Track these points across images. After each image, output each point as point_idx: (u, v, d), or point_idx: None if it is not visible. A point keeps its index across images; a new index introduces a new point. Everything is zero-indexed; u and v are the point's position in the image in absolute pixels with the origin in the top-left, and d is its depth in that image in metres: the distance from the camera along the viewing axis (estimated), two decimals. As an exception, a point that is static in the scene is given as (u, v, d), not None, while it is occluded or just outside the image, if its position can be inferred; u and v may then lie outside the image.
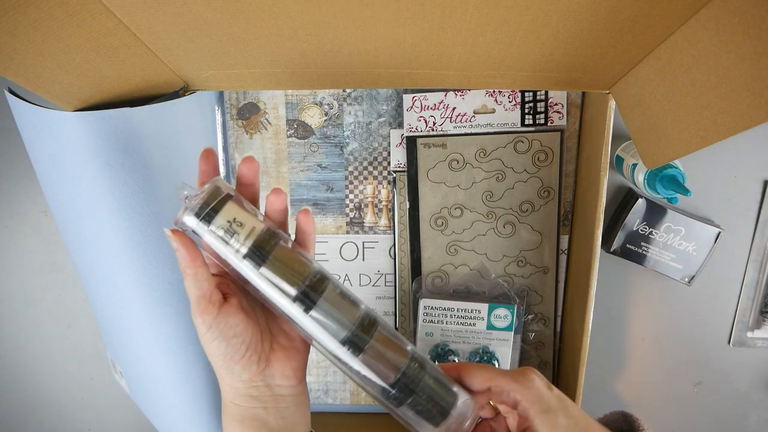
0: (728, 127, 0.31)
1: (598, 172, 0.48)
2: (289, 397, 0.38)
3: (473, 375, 0.36)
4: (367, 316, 0.35)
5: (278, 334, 0.38)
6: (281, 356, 0.37)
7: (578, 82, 0.45)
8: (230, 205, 0.33)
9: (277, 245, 0.34)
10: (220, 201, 0.33)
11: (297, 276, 0.34)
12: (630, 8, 0.32)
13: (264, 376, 0.37)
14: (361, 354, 0.34)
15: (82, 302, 0.64)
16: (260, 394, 0.37)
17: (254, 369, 0.36)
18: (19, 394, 0.67)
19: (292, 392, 0.38)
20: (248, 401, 0.37)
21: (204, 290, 0.34)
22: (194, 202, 0.32)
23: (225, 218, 0.33)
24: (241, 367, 0.35)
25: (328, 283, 0.34)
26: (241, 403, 0.37)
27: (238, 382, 0.36)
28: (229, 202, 0.33)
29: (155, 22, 0.36)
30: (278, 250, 0.34)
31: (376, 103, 0.55)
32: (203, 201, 0.32)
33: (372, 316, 0.35)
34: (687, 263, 0.57)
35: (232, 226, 0.33)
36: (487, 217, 0.56)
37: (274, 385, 0.37)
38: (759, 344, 0.61)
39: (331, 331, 0.34)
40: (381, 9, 0.33)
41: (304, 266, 0.34)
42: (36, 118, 0.39)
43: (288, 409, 0.38)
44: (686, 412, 0.63)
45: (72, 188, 0.42)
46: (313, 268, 0.34)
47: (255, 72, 0.45)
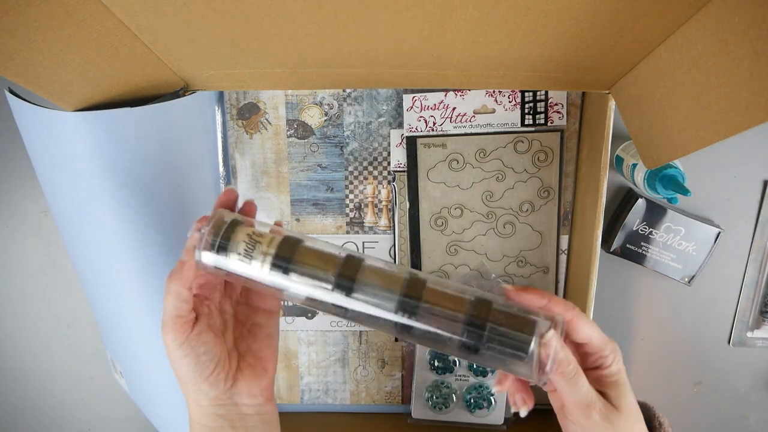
0: (728, 127, 0.31)
1: (598, 172, 0.48)
2: (256, 416, 0.38)
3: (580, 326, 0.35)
4: (412, 278, 0.34)
5: (246, 353, 0.38)
6: (248, 375, 0.37)
7: (578, 82, 0.45)
8: (241, 228, 0.34)
9: (297, 247, 0.34)
10: (229, 228, 0.34)
11: (327, 267, 0.34)
12: (630, 8, 0.32)
13: (231, 394, 0.37)
14: (417, 317, 0.33)
15: (82, 302, 0.64)
16: (226, 413, 0.37)
17: (221, 387, 0.36)
18: (19, 394, 0.67)
19: (259, 411, 0.38)
20: (214, 420, 0.37)
21: (182, 311, 0.34)
22: (206, 238, 0.33)
23: (240, 239, 0.33)
24: (208, 385, 0.36)
25: (359, 262, 0.34)
26: (207, 423, 0.37)
27: (205, 399, 0.36)
28: (238, 227, 0.34)
29: (155, 22, 0.36)
30: (300, 252, 0.34)
31: (376, 103, 0.55)
32: (213, 233, 0.33)
33: (417, 276, 0.34)
34: (687, 263, 0.57)
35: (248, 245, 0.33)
36: (487, 217, 0.56)
37: (240, 403, 0.37)
38: (759, 344, 0.61)
39: (380, 306, 0.33)
40: (381, 9, 0.33)
41: (330, 255, 0.34)
42: (36, 118, 0.39)
43: (256, 428, 0.38)
44: (686, 412, 0.63)
45: (72, 188, 0.42)
46: (339, 253, 0.34)
47: (255, 72, 0.45)
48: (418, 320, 0.33)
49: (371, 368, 0.61)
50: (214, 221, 0.34)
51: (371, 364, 0.61)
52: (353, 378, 0.62)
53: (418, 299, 0.33)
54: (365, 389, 0.62)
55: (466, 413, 0.59)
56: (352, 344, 0.61)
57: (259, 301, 0.40)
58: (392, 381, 0.62)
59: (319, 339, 0.61)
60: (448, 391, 0.59)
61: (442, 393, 0.59)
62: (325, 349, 0.61)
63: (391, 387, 0.62)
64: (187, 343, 0.35)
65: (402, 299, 0.33)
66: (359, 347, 0.61)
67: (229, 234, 0.34)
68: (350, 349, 0.61)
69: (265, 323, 0.40)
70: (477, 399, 0.58)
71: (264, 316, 0.40)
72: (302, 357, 0.61)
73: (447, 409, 0.59)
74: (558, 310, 0.35)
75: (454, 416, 0.59)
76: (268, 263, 0.34)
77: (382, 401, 0.62)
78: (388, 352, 0.61)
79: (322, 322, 0.60)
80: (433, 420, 0.60)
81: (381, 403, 0.62)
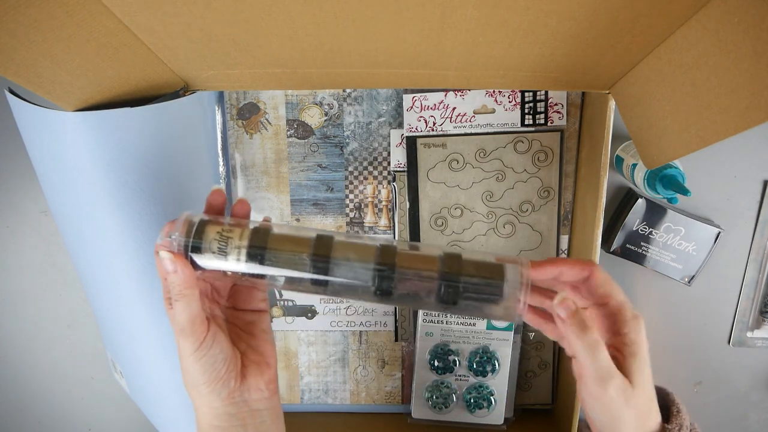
0: (728, 127, 0.31)
1: (598, 172, 0.48)
2: (264, 410, 0.39)
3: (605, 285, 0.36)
4: (382, 247, 0.36)
5: (246, 351, 0.39)
6: (254, 371, 0.38)
7: (578, 82, 0.45)
8: (210, 226, 0.35)
9: (269, 235, 0.35)
10: (199, 227, 0.35)
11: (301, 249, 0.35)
12: (630, 8, 0.32)
13: (241, 391, 0.38)
14: (395, 282, 0.35)
15: (82, 302, 0.64)
16: (238, 411, 0.38)
17: (232, 385, 0.37)
18: (19, 394, 0.67)
19: (266, 405, 0.39)
20: (227, 420, 0.37)
21: (196, 312, 0.35)
22: (179, 240, 0.34)
23: (211, 238, 0.35)
24: (221, 384, 0.36)
25: (330, 240, 0.36)
26: (219, 424, 0.37)
27: (218, 400, 0.37)
28: (208, 225, 0.35)
29: (155, 22, 0.36)
30: (272, 240, 0.35)
31: (376, 103, 0.55)
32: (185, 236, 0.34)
33: (386, 244, 0.36)
34: (687, 263, 0.57)
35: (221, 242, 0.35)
36: (487, 217, 0.56)
37: (250, 399, 0.38)
38: (759, 344, 0.61)
39: (358, 277, 0.35)
40: (381, 9, 0.33)
41: (301, 237, 0.36)
42: (36, 118, 0.39)
43: (264, 423, 0.39)
44: (686, 412, 0.63)
45: (72, 188, 0.42)
46: (311, 235, 0.36)
47: (255, 72, 0.45)
48: (396, 285, 0.35)
49: (371, 368, 0.61)
50: (182, 224, 0.35)
51: (371, 364, 0.61)
52: (353, 378, 0.62)
53: (392, 265, 0.35)
54: (365, 389, 0.62)
55: (466, 413, 0.59)
56: (352, 344, 0.61)
57: (245, 304, 0.41)
58: (392, 381, 0.62)
59: (319, 339, 0.61)
60: (448, 391, 0.59)
61: (442, 393, 0.59)
62: (325, 349, 0.61)
63: (391, 387, 0.62)
64: (205, 345, 0.35)
65: (377, 267, 0.35)
66: (359, 347, 0.61)
67: (200, 234, 0.35)
68: (350, 349, 0.61)
69: (257, 320, 0.41)
70: (477, 399, 0.58)
71: (255, 315, 0.41)
72: (302, 357, 0.61)
73: (447, 409, 0.59)
74: (573, 273, 0.36)
75: (454, 416, 0.59)
76: (243, 255, 0.35)
77: (382, 401, 0.62)
78: (388, 352, 0.61)
79: (322, 323, 0.60)
80: (433, 420, 0.60)
81: (381, 403, 0.62)
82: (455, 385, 0.59)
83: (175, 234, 0.35)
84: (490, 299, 0.35)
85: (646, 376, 0.35)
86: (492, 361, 0.57)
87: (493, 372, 0.57)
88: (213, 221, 0.36)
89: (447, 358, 0.58)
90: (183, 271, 0.34)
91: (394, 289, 0.35)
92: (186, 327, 0.35)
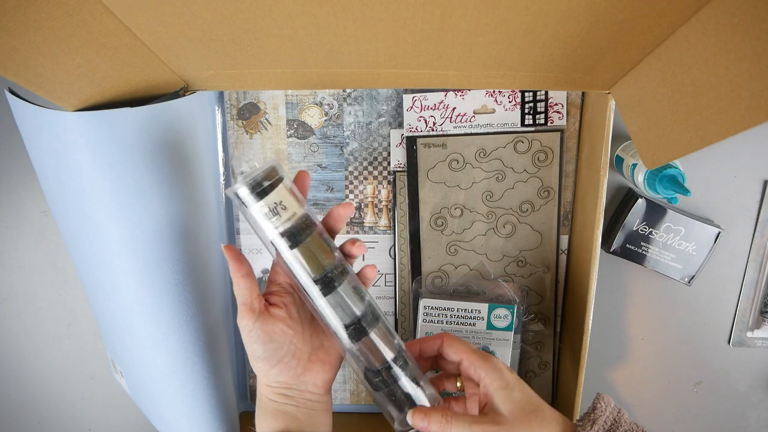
0: (728, 127, 0.31)
1: (598, 172, 0.48)
2: (317, 402, 0.41)
3: (451, 346, 0.42)
4: (371, 313, 0.40)
5: (318, 348, 0.42)
6: (317, 368, 0.41)
7: (578, 82, 0.45)
8: (280, 187, 0.37)
9: (311, 233, 0.38)
10: (273, 183, 0.36)
11: (322, 264, 0.38)
12: (630, 8, 0.32)
13: (298, 382, 0.40)
14: (358, 342, 0.39)
15: (82, 302, 0.64)
16: (293, 395, 0.40)
17: (290, 374, 0.40)
18: (19, 394, 0.67)
19: (319, 399, 0.42)
20: (281, 398, 0.40)
21: (246, 298, 0.38)
22: (251, 178, 0.36)
23: (273, 199, 0.36)
24: (278, 371, 0.39)
25: (345, 277, 0.39)
26: (275, 399, 0.40)
27: (273, 382, 0.40)
28: (280, 185, 0.37)
29: (155, 22, 0.36)
30: (311, 238, 0.38)
31: (376, 103, 0.55)
32: (260, 179, 0.36)
33: (376, 314, 0.40)
34: (687, 263, 0.57)
35: (278, 207, 0.37)
36: (487, 217, 0.56)
37: (305, 391, 0.41)
38: (759, 344, 0.61)
39: (339, 316, 0.39)
40: (381, 9, 0.33)
41: (329, 257, 0.39)
42: (36, 118, 0.39)
43: (315, 411, 0.41)
44: (686, 412, 0.63)
45: (72, 188, 0.42)
46: (336, 260, 0.39)
47: (255, 72, 0.45)
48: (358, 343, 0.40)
49: (371, 368, 0.61)
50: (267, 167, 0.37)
51: (371, 364, 0.61)
52: (353, 378, 0.62)
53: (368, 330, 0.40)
54: (365, 389, 0.62)
55: (466, 413, 0.59)
56: (352, 344, 0.61)
57: None
58: (392, 381, 0.62)
59: (319, 339, 0.61)
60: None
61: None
62: (325, 349, 0.61)
63: (391, 387, 0.62)
64: (255, 330, 0.38)
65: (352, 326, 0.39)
66: (359, 347, 0.61)
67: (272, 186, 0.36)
68: (350, 349, 0.61)
69: None
70: (477, 399, 0.58)
71: None
72: (302, 357, 0.61)
73: (447, 409, 0.59)
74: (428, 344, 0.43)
75: (454, 416, 0.59)
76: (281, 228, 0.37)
77: (382, 401, 0.62)
78: (388, 352, 0.61)
79: (322, 322, 0.60)
80: (433, 420, 0.60)
81: (381, 403, 0.62)
82: (455, 385, 0.59)
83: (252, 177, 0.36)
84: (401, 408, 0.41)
85: (516, 398, 0.39)
86: (492, 361, 0.57)
87: (493, 372, 0.57)
88: (287, 186, 0.37)
89: (447, 358, 0.58)
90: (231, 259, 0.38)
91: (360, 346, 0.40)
92: (239, 309, 0.38)
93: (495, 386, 0.39)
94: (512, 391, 0.39)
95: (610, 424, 0.40)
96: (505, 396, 0.39)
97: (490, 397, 0.39)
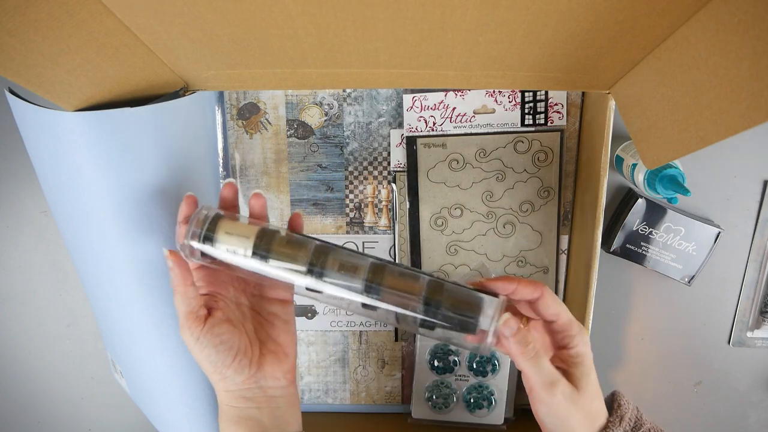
0: (728, 127, 0.31)
1: (598, 172, 0.48)
2: (280, 398, 0.41)
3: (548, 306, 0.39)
4: (374, 265, 0.38)
5: (266, 340, 0.42)
6: (271, 360, 0.41)
7: (578, 82, 0.45)
8: (223, 222, 0.38)
9: (274, 239, 0.38)
10: (212, 221, 0.38)
11: (301, 255, 0.38)
12: (630, 8, 0.32)
13: (256, 378, 0.40)
14: (379, 297, 0.37)
15: (82, 302, 0.64)
16: (254, 396, 0.40)
17: (246, 372, 0.40)
18: (19, 394, 0.67)
19: (283, 393, 0.41)
20: (243, 402, 0.40)
21: (192, 307, 0.38)
22: (193, 229, 0.38)
23: (223, 233, 0.38)
24: (233, 371, 0.39)
25: (329, 251, 0.38)
26: (236, 405, 0.40)
27: (232, 385, 0.39)
28: (220, 220, 0.38)
29: (155, 22, 0.36)
30: (277, 242, 0.38)
31: (376, 103, 0.55)
32: (199, 227, 0.38)
33: (380, 263, 0.38)
34: (687, 263, 0.57)
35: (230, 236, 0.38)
36: (487, 217, 0.56)
37: (266, 386, 0.40)
38: (759, 344, 0.61)
39: (349, 288, 0.38)
40: (381, 9, 0.33)
41: (303, 245, 0.38)
42: (36, 118, 0.39)
43: (280, 408, 0.41)
44: (686, 412, 0.63)
45: (72, 188, 0.42)
46: (312, 244, 0.39)
47: (255, 72, 0.45)
48: (381, 300, 0.37)
49: (371, 368, 0.61)
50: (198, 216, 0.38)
51: (371, 364, 0.61)
52: (353, 378, 0.62)
53: (380, 283, 0.37)
54: (365, 389, 0.62)
55: (466, 413, 0.59)
56: (352, 344, 0.61)
57: (272, 292, 0.43)
58: (392, 381, 0.62)
59: (319, 339, 0.61)
60: (448, 391, 0.59)
61: (442, 393, 0.59)
62: (325, 349, 0.61)
63: (391, 387, 0.62)
64: (203, 336, 0.38)
65: (367, 283, 0.37)
66: (359, 347, 0.61)
67: (213, 228, 0.38)
68: (350, 349, 0.61)
69: (280, 311, 0.43)
70: (477, 399, 0.58)
71: (278, 305, 0.43)
72: (302, 357, 0.61)
73: (447, 409, 0.59)
74: (527, 291, 0.39)
75: (454, 416, 0.59)
76: (249, 252, 0.38)
77: (382, 401, 0.62)
78: (388, 352, 0.61)
79: (322, 323, 0.60)
80: (433, 420, 0.60)
81: (381, 403, 0.62)
82: (455, 385, 0.59)
83: (192, 228, 0.38)
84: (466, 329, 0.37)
85: (592, 381, 0.39)
86: (492, 361, 0.57)
87: (493, 372, 0.57)
88: (227, 216, 0.39)
89: (447, 358, 0.58)
90: (177, 268, 0.37)
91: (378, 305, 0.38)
92: (182, 322, 0.38)
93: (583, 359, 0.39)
94: (593, 372, 0.39)
95: (634, 422, 0.40)
96: (587, 372, 0.39)
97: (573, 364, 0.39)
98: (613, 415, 0.40)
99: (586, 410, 0.38)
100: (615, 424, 0.39)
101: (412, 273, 0.39)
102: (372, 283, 0.37)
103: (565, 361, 0.39)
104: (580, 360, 0.39)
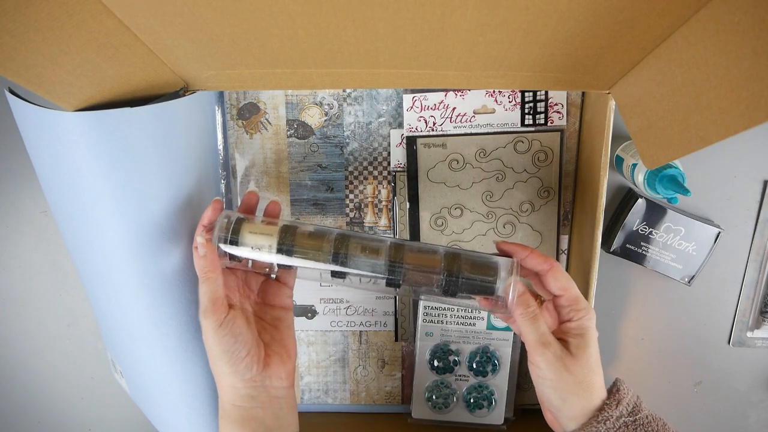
0: (728, 127, 0.31)
1: (598, 172, 0.48)
2: (282, 399, 0.42)
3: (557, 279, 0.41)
4: (393, 246, 0.42)
5: (271, 342, 0.44)
6: (276, 360, 0.43)
7: (578, 82, 0.45)
8: (245, 224, 0.42)
9: (296, 233, 0.42)
10: (236, 224, 0.42)
11: (324, 244, 0.41)
12: (630, 8, 0.32)
13: (262, 377, 0.42)
14: (402, 276, 0.41)
15: (82, 302, 0.64)
16: (258, 394, 0.41)
17: (255, 370, 0.41)
18: (19, 394, 0.67)
19: (284, 394, 0.43)
20: (248, 401, 0.41)
21: (219, 294, 0.40)
22: (219, 234, 0.41)
23: (247, 233, 0.41)
24: (244, 366, 0.40)
25: (350, 237, 0.42)
26: (241, 404, 0.41)
27: (240, 381, 0.40)
28: (243, 222, 0.42)
29: (155, 22, 0.36)
30: (299, 236, 0.42)
31: (376, 103, 0.55)
32: (224, 231, 0.41)
33: (397, 243, 0.42)
34: (687, 263, 0.57)
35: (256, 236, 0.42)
36: (487, 217, 0.56)
37: (269, 386, 0.42)
38: (759, 344, 0.61)
39: (373, 268, 0.41)
40: (381, 9, 0.33)
41: (324, 235, 0.42)
42: (36, 118, 0.39)
43: (281, 409, 0.42)
44: (686, 412, 0.63)
45: (72, 188, 0.42)
46: (332, 233, 0.42)
47: (255, 72, 0.45)
48: (404, 278, 0.41)
49: (371, 368, 0.61)
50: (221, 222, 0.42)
51: (371, 364, 0.61)
52: (353, 378, 0.62)
53: (401, 261, 0.41)
54: (365, 389, 0.62)
55: (466, 413, 0.59)
56: (352, 344, 0.61)
57: (274, 299, 0.45)
58: (392, 381, 0.62)
59: (319, 339, 0.61)
60: (448, 391, 0.59)
61: (442, 393, 0.59)
62: (325, 349, 0.61)
63: (391, 387, 0.62)
64: (226, 324, 0.40)
65: (389, 263, 0.41)
66: (359, 347, 0.61)
67: (238, 228, 0.41)
68: (350, 349, 0.61)
69: (283, 316, 0.45)
70: (477, 399, 0.58)
71: (281, 311, 0.45)
72: (302, 357, 0.61)
73: (447, 409, 0.59)
74: (538, 261, 0.41)
75: (454, 416, 0.59)
76: (274, 249, 0.41)
77: (382, 401, 0.62)
78: (388, 352, 0.61)
79: (322, 323, 0.60)
80: (433, 420, 0.60)
81: (381, 403, 0.62)
82: (455, 385, 0.59)
83: (218, 233, 0.41)
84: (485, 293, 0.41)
85: (590, 354, 0.39)
86: (492, 361, 0.57)
87: (493, 372, 0.57)
88: (247, 218, 0.42)
89: (447, 358, 0.58)
90: (209, 255, 0.40)
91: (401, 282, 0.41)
92: (208, 307, 0.39)
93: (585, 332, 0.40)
94: (592, 347, 0.40)
95: (632, 407, 0.40)
96: (585, 344, 0.39)
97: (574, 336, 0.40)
98: (611, 397, 0.41)
99: (579, 379, 0.39)
100: (611, 407, 0.40)
101: (430, 247, 0.42)
102: (395, 261, 0.41)
103: (567, 332, 0.40)
104: (581, 333, 0.40)
